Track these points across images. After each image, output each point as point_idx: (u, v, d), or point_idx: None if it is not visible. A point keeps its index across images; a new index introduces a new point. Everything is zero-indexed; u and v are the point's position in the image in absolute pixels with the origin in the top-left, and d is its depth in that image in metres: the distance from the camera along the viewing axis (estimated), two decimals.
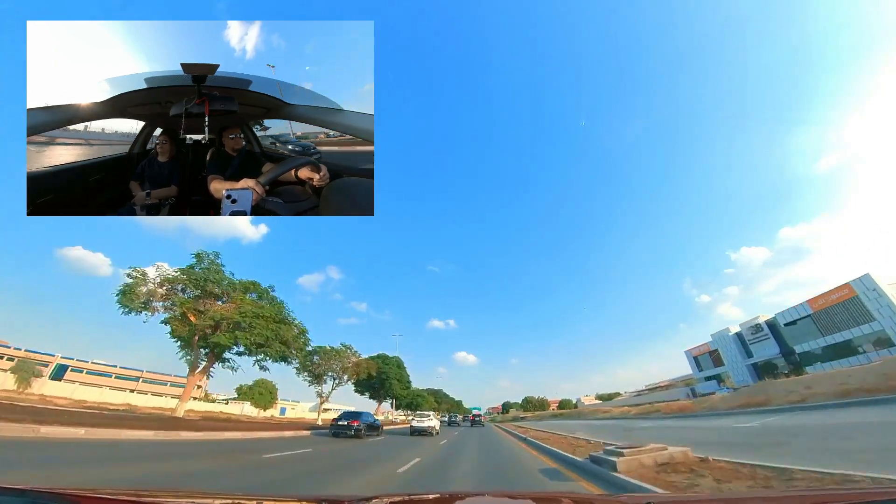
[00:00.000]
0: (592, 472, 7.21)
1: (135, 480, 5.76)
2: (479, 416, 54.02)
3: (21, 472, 5.82)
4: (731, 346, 66.95)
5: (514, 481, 7.24)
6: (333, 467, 8.66)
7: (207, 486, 5.71)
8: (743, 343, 64.79)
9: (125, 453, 8.75)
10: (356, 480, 7.03)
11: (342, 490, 6.14)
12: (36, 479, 5.07)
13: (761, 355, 60.36)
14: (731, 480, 5.18)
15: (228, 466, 8.19)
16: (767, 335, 59.74)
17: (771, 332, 59.30)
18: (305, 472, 7.77)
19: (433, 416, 25.95)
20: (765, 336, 60.21)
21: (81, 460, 7.33)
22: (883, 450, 6.48)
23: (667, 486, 5.18)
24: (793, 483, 4.70)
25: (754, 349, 62.29)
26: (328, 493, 6.10)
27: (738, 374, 63.04)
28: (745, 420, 16.13)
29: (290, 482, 6.59)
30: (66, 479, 5.35)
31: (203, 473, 6.99)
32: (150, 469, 7.04)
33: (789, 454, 7.14)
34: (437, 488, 6.56)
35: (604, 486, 6.25)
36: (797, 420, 13.33)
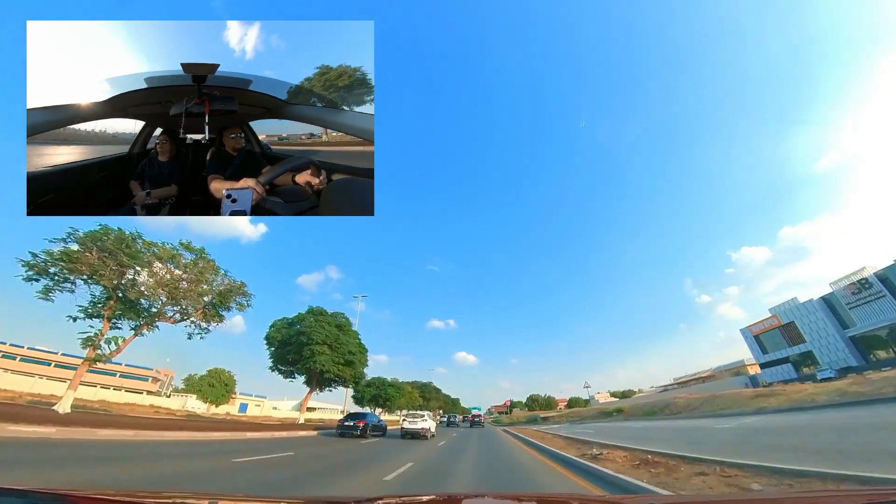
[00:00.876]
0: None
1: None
2: (478, 416, 53.72)
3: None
4: (814, 315, 49.64)
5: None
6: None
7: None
8: (833, 309, 48.00)
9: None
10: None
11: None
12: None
13: (869, 323, 42.78)
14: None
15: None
16: (881, 292, 41.87)
17: (886, 287, 41.69)
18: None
19: (428, 416, 22.19)
20: (875, 295, 42.46)
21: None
22: None
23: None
24: None
25: (856, 315, 44.67)
26: (328, 493, 6.09)
27: (829, 352, 47.25)
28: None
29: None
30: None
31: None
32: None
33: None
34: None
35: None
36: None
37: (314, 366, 26.91)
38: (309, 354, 26.83)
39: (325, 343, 27.35)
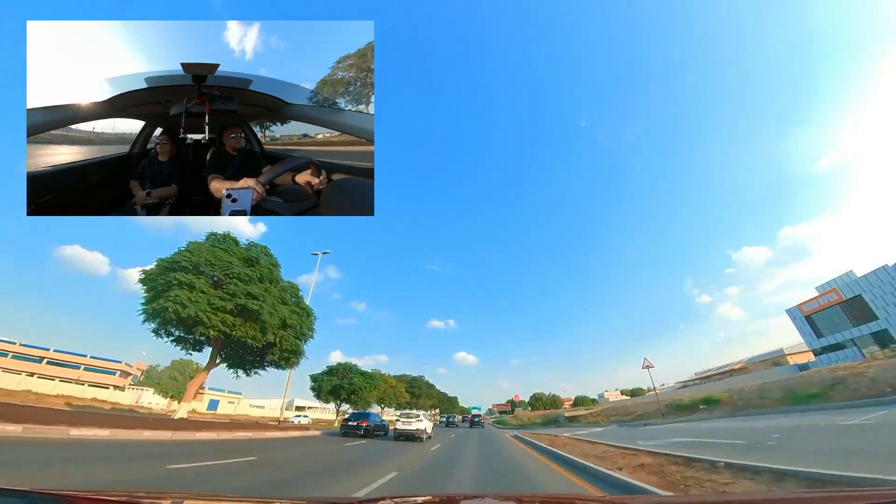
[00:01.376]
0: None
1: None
2: (479, 416, 52.69)
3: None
4: (889, 285, 39.26)
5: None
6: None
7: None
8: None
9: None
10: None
11: None
12: None
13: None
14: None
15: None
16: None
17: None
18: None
19: (424, 416, 20.34)
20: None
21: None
22: None
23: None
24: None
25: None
26: (329, 493, 6.09)
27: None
28: None
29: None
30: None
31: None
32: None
33: None
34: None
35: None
36: None
37: (167, 312, 16.19)
38: (163, 288, 16.41)
39: (197, 273, 17.01)
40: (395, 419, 19.51)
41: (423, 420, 19.17)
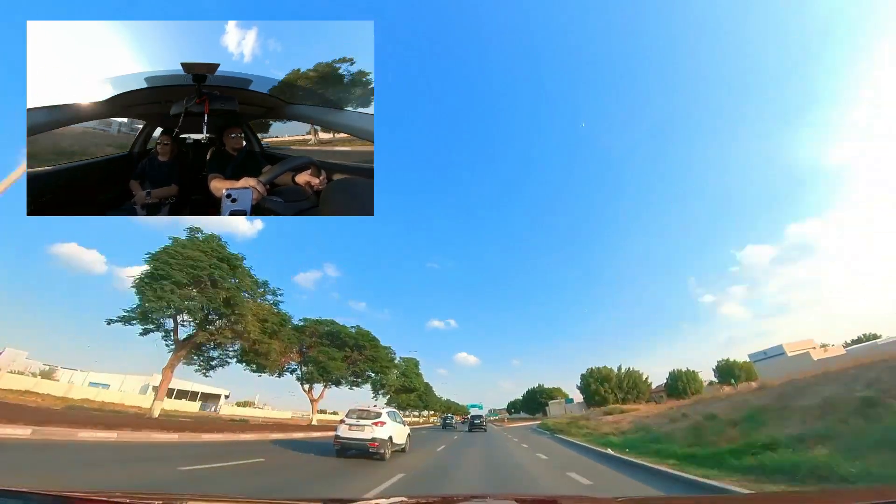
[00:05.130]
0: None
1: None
2: (480, 416, 40.41)
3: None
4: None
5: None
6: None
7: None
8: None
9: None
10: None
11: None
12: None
13: None
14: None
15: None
16: None
17: None
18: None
19: (389, 415, 11.64)
20: None
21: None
22: None
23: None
24: None
25: None
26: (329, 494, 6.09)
27: None
28: None
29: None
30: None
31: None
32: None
33: None
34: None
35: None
36: None
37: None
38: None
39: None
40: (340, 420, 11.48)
41: (388, 423, 11.19)
